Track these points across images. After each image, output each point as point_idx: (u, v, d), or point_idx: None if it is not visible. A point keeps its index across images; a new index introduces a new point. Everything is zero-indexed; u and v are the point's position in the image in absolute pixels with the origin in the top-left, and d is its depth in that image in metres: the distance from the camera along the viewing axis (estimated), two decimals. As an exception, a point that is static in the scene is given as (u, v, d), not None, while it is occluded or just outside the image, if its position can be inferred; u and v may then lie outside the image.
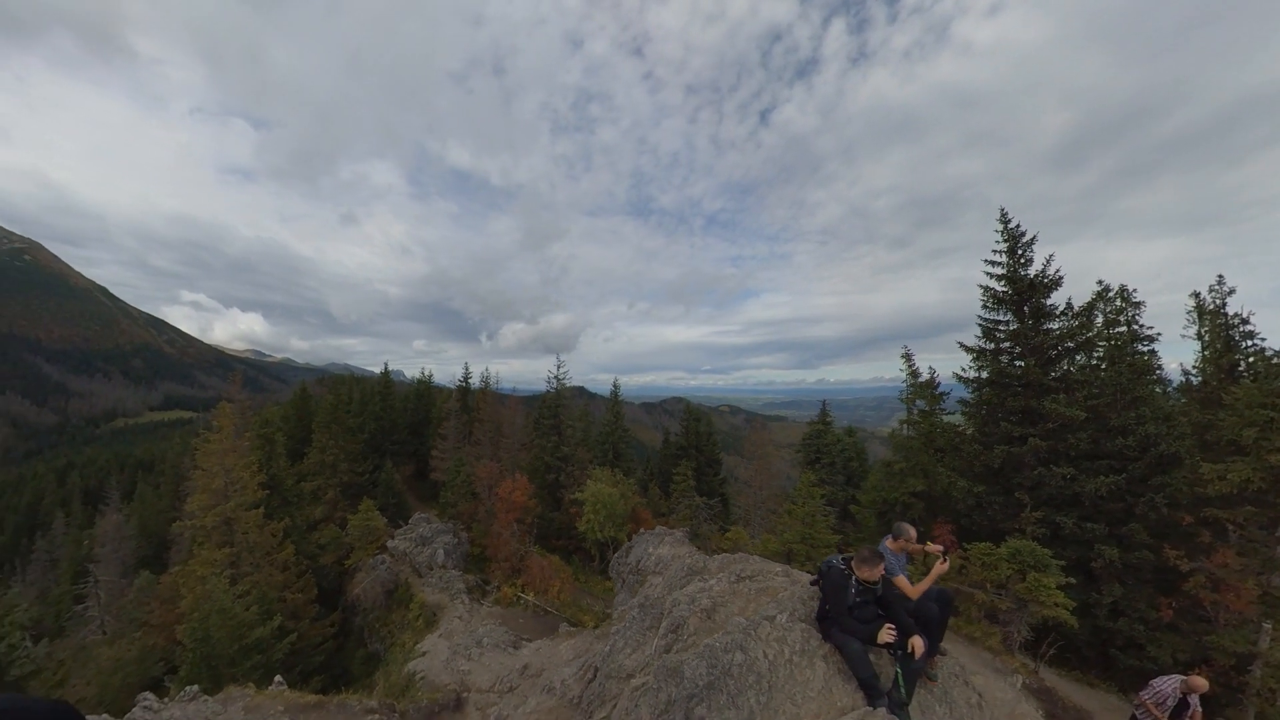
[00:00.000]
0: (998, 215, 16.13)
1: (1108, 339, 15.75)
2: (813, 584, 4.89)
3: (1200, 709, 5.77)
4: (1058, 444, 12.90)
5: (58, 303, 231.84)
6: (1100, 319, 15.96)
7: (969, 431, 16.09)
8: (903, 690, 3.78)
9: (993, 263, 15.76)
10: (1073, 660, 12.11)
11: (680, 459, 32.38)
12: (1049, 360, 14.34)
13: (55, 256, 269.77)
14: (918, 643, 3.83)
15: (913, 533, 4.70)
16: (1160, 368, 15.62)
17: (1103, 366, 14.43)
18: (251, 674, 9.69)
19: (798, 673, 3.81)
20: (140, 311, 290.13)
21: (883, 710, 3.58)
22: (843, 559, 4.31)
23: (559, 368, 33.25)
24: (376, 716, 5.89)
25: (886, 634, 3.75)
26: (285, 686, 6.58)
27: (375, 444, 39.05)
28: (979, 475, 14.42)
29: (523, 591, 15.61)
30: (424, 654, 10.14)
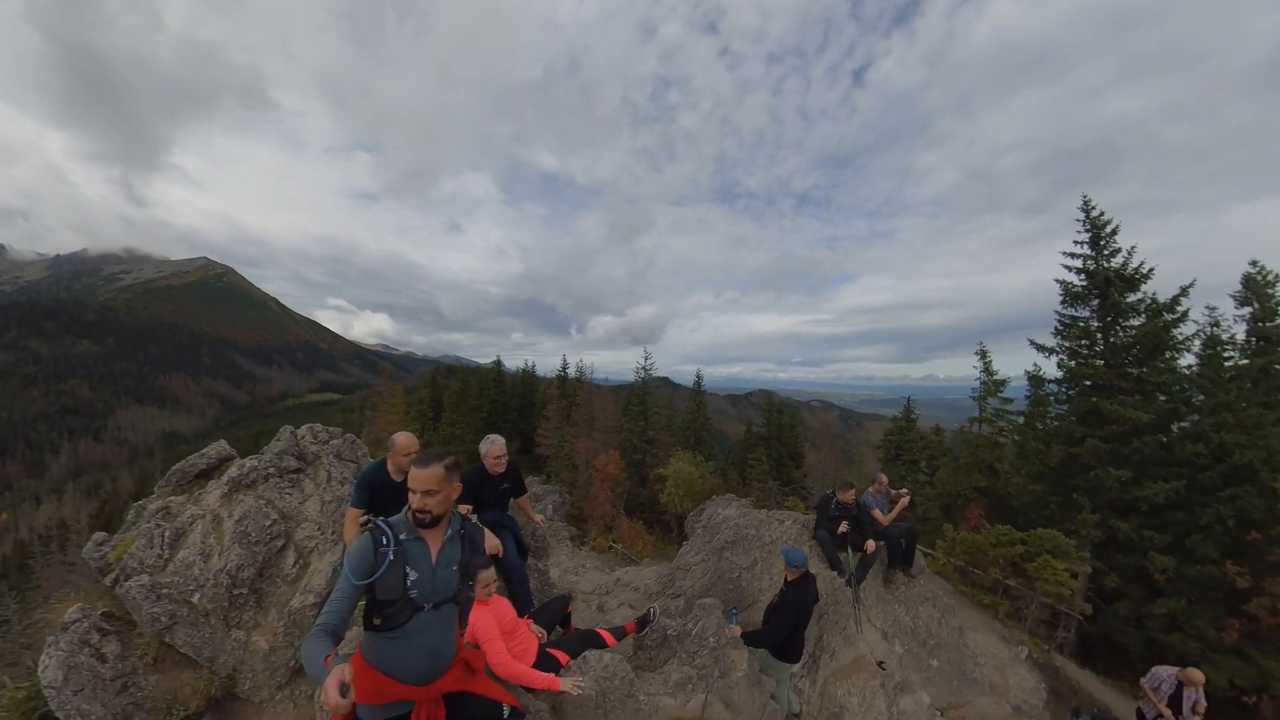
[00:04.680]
0: (1081, 203, 15.63)
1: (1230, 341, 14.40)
2: (811, 508, 7.19)
3: (1205, 702, 5.85)
4: (1120, 447, 12.84)
5: (246, 311, 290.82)
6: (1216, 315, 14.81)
7: (1034, 426, 16.15)
8: (852, 570, 6.00)
9: (1071, 254, 15.47)
10: (1125, 672, 12.21)
11: (757, 447, 34.09)
12: (1125, 360, 14.08)
13: (242, 276, 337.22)
14: (870, 544, 6.02)
15: (884, 479, 6.81)
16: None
17: (1191, 368, 13.73)
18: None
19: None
20: (300, 315, 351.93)
21: (835, 574, 5.88)
22: (830, 491, 6.60)
23: (646, 359, 36.93)
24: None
25: (842, 527, 6.00)
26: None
27: (491, 422, 45.92)
28: (1037, 474, 14.63)
29: (614, 543, 18.98)
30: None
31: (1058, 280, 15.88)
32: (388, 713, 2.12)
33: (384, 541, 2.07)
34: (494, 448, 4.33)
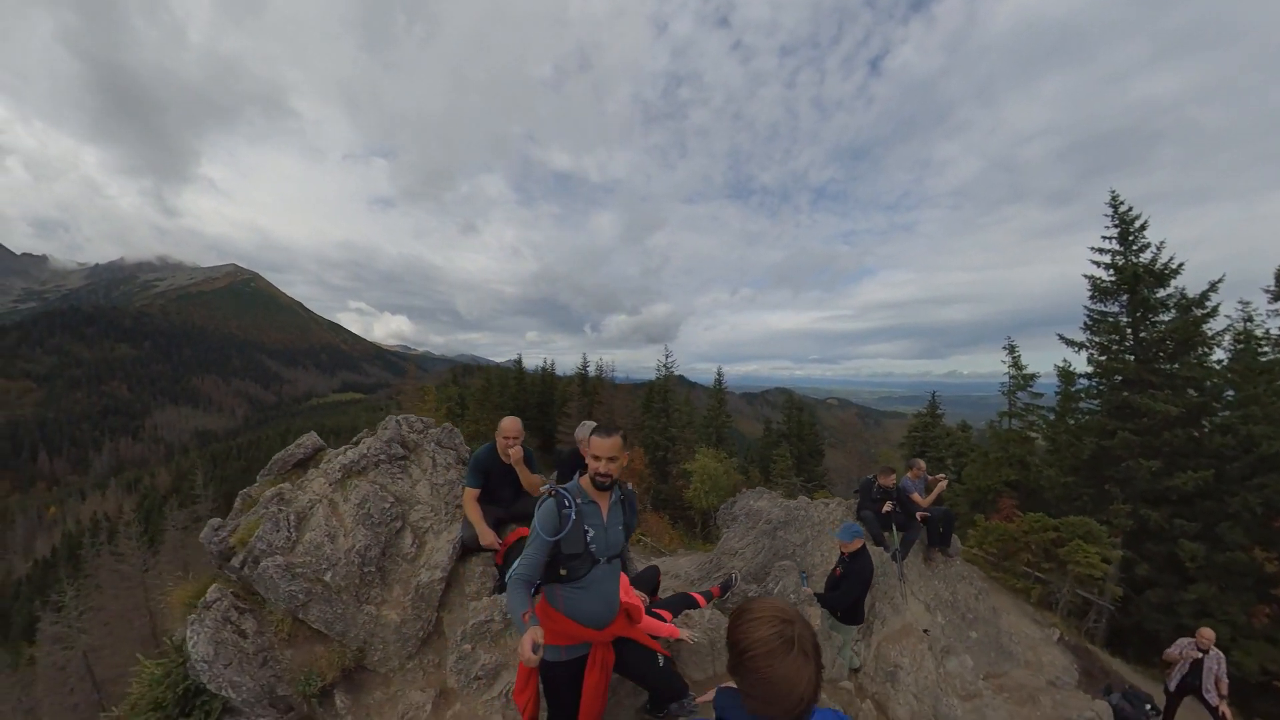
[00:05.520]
0: (1110, 198, 15.64)
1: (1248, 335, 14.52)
2: (854, 493, 7.73)
3: (1226, 680, 6.13)
4: (1151, 440, 13.06)
5: (272, 315, 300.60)
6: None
7: (1065, 421, 16.31)
8: (896, 546, 6.53)
9: (1100, 250, 15.58)
10: (1155, 660, 12.40)
11: (781, 443, 34.45)
12: (1154, 356, 14.22)
13: (269, 282, 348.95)
14: (923, 511, 6.57)
15: (922, 464, 7.31)
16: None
17: (1221, 362, 13.82)
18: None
19: (835, 528, 6.79)
20: (323, 318, 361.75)
21: (882, 549, 6.42)
22: (872, 476, 7.13)
23: (667, 357, 37.49)
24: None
25: (887, 506, 6.54)
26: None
27: (513, 419, 47.22)
28: (1069, 466, 14.85)
29: (642, 535, 19.64)
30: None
31: (1086, 276, 15.99)
32: (571, 653, 2.53)
33: (566, 504, 2.39)
34: (584, 432, 4.89)
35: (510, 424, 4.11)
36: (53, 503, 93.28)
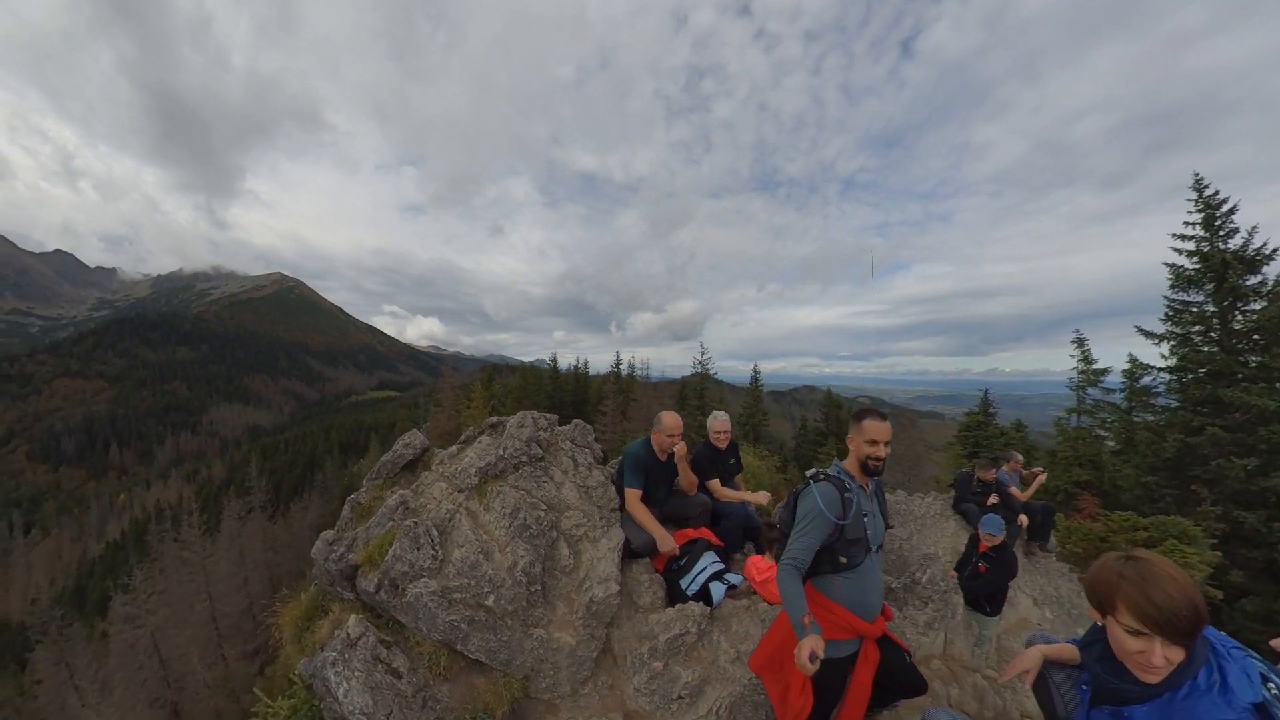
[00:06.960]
0: (1191, 183, 14.78)
1: None
2: (950, 486, 7.66)
3: None
4: (1245, 436, 12.25)
5: (315, 319, 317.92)
6: None
7: (1141, 417, 15.55)
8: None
9: (1182, 236, 14.75)
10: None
11: (822, 444, 33.96)
12: (1244, 347, 13.40)
13: (311, 289, 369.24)
14: (1023, 517, 6.45)
15: (1019, 457, 7.19)
16: None
17: None
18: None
19: (936, 522, 6.77)
20: (361, 321, 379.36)
21: None
22: (970, 468, 7.07)
23: (703, 353, 37.45)
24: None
25: (991, 499, 6.48)
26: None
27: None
28: (1150, 465, 14.11)
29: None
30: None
31: (1166, 264, 15.17)
32: (847, 649, 2.33)
33: (847, 488, 2.25)
34: (717, 422, 4.49)
35: (673, 420, 3.79)
36: (122, 490, 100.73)
